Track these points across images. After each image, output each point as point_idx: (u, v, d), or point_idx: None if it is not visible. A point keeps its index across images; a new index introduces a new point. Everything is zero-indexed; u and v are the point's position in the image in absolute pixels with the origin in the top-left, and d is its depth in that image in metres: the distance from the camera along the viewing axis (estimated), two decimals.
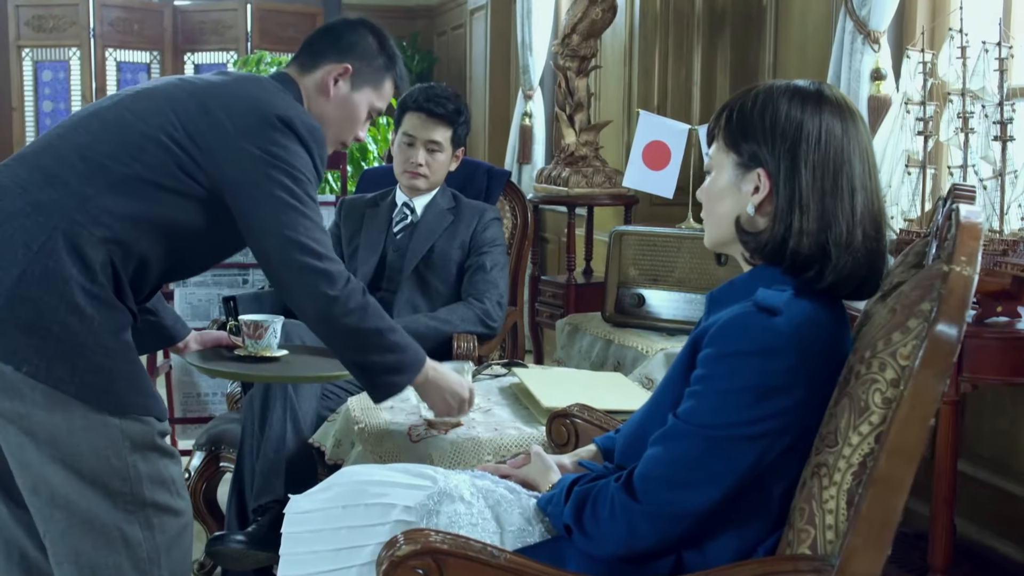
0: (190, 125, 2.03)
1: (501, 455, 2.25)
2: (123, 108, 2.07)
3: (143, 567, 1.99)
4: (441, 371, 2.29)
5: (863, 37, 3.48)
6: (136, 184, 1.99)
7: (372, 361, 2.19)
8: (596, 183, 4.38)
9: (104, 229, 1.95)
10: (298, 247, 2.06)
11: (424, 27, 8.99)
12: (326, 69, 2.25)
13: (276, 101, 2.10)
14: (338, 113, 2.27)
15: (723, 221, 1.66)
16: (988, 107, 2.79)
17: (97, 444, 1.94)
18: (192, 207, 2.05)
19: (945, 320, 1.35)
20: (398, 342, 2.20)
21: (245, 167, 2.04)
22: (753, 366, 1.49)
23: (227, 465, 2.96)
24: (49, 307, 1.90)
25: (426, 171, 3.19)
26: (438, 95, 3.21)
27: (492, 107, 7.25)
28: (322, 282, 2.08)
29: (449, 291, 3.18)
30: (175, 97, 2.08)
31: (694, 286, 3.43)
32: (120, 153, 2.00)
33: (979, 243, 1.39)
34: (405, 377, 2.22)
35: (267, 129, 2.05)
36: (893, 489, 1.38)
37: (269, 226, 2.06)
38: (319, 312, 2.11)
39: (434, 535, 1.50)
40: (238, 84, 2.15)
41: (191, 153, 2.03)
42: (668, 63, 4.77)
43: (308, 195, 2.10)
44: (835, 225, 1.56)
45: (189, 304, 4.07)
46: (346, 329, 2.13)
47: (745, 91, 1.66)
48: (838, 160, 1.57)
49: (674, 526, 1.55)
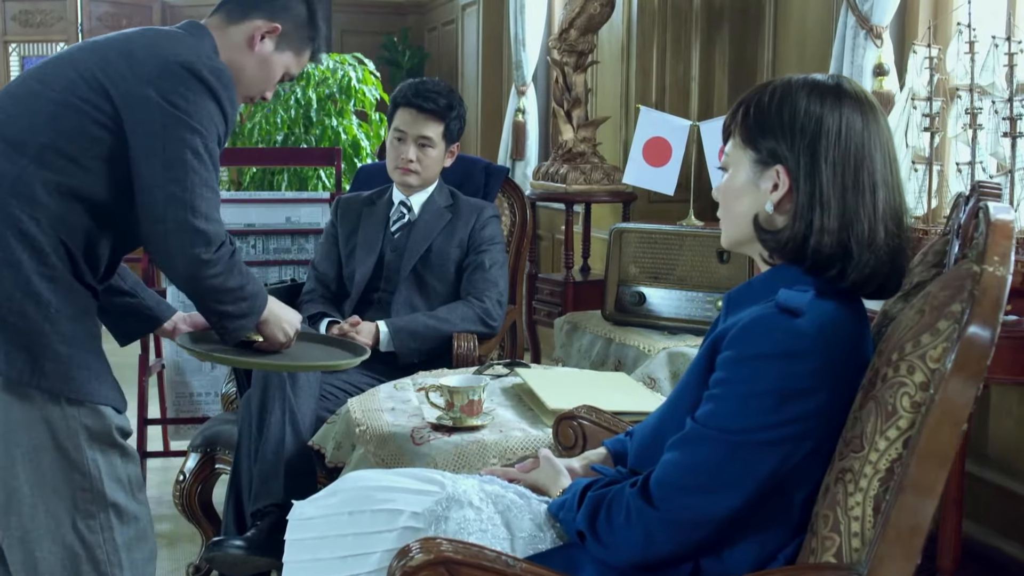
0: (93, 81, 1.98)
1: (507, 458, 2.21)
2: (30, 79, 2.03)
3: (103, 569, 1.97)
4: (277, 305, 2.30)
5: (865, 32, 3.45)
6: (55, 154, 1.95)
7: (227, 310, 2.16)
8: (594, 180, 4.33)
9: (41, 209, 1.92)
10: (180, 203, 1.99)
11: (415, 22, 8.94)
12: (255, 24, 2.21)
13: (179, 48, 2.05)
14: (256, 69, 2.24)
15: (741, 220, 1.61)
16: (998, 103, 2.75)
17: (57, 436, 1.91)
18: (114, 169, 2.00)
19: (978, 322, 1.30)
20: (251, 291, 2.19)
21: (143, 116, 1.98)
22: (776, 369, 1.45)
23: (223, 467, 2.91)
24: (3, 296, 1.87)
25: (417, 167, 3.15)
26: (429, 90, 3.16)
27: (484, 103, 7.21)
28: (199, 242, 2.02)
29: (447, 290, 3.14)
30: (78, 59, 2.02)
31: (695, 284, 3.40)
32: (35, 124, 1.95)
33: (1012, 242, 1.35)
34: (252, 319, 2.22)
35: (169, 77, 2.00)
36: (923, 496, 1.34)
37: (156, 179, 1.98)
38: (188, 271, 2.05)
39: (447, 544, 1.45)
40: (141, 34, 2.10)
41: (100, 107, 1.97)
42: (666, 59, 4.73)
43: (207, 149, 2.03)
44: (857, 223, 1.52)
45: (182, 303, 3.99)
46: (210, 287, 2.09)
47: (762, 86, 1.62)
48: (859, 155, 1.53)
49: (692, 533, 1.51)
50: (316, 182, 5.57)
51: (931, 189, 3.00)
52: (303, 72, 5.59)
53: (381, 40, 8.62)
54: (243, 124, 5.66)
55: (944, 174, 3.20)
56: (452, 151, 3.25)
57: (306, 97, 5.55)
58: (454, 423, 2.31)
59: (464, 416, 2.31)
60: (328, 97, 5.62)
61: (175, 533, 3.52)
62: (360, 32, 8.86)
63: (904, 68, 3.29)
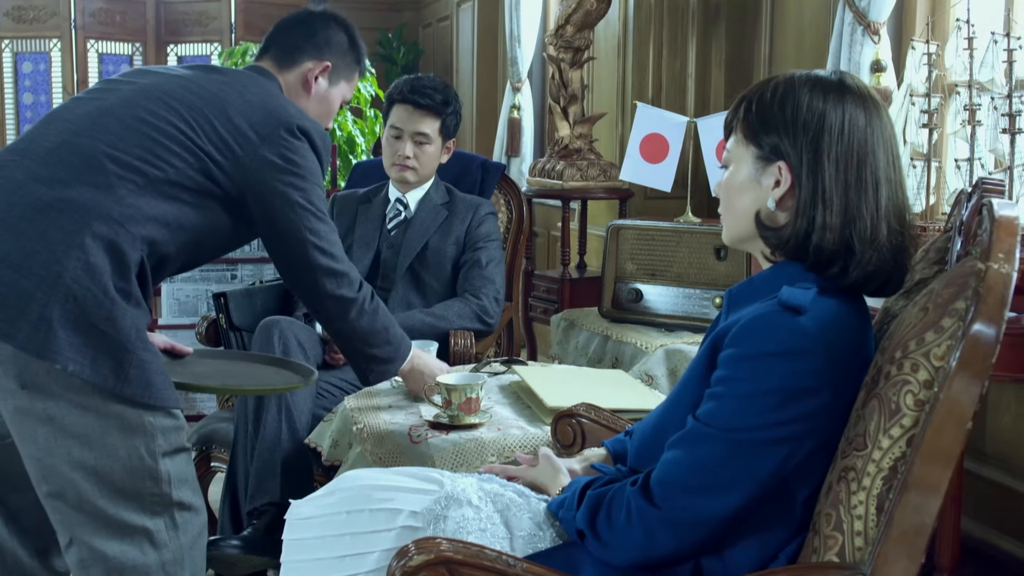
0: (213, 134, 2.09)
1: (505, 456, 2.19)
2: (139, 108, 2.08)
3: (169, 569, 1.99)
4: (423, 358, 2.51)
5: (863, 28, 3.44)
6: (166, 186, 2.04)
7: (373, 354, 2.38)
8: (591, 176, 4.32)
9: (139, 228, 1.98)
10: (318, 251, 2.21)
11: (410, 18, 8.92)
12: (307, 67, 2.34)
13: (291, 110, 2.20)
14: (318, 109, 2.36)
15: (742, 216, 1.60)
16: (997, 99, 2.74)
17: (132, 443, 1.93)
18: (215, 208, 2.12)
19: (983, 319, 1.29)
20: (396, 334, 2.41)
21: (268, 175, 2.13)
22: (778, 368, 1.44)
23: (219, 465, 2.89)
24: (93, 303, 1.89)
25: (414, 163, 3.13)
26: (424, 86, 3.15)
27: (479, 100, 7.19)
28: (342, 285, 2.25)
29: (444, 288, 3.12)
30: (191, 103, 2.11)
31: (693, 281, 3.38)
32: (149, 156, 2.03)
33: (1016, 239, 1.33)
34: (395, 366, 2.44)
35: (288, 138, 2.15)
36: (928, 495, 1.32)
37: (292, 231, 2.18)
38: (337, 313, 2.29)
39: (446, 544, 1.44)
40: (248, 91, 2.19)
41: (216, 159, 2.08)
42: (663, 55, 4.72)
43: (322, 200, 2.23)
44: (859, 219, 1.51)
45: (176, 300, 3.99)
46: (360, 329, 2.32)
47: (764, 82, 1.60)
48: (862, 152, 1.52)
49: (694, 533, 1.49)
50: None
51: (929, 186, 2.99)
52: None
53: (376, 36, 8.60)
54: None
55: (942, 170, 3.19)
56: (448, 147, 3.23)
57: None
58: (452, 421, 2.29)
59: (462, 414, 2.30)
60: None
61: None
62: None
63: (902, 64, 3.29)
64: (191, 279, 3.99)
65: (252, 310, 3.07)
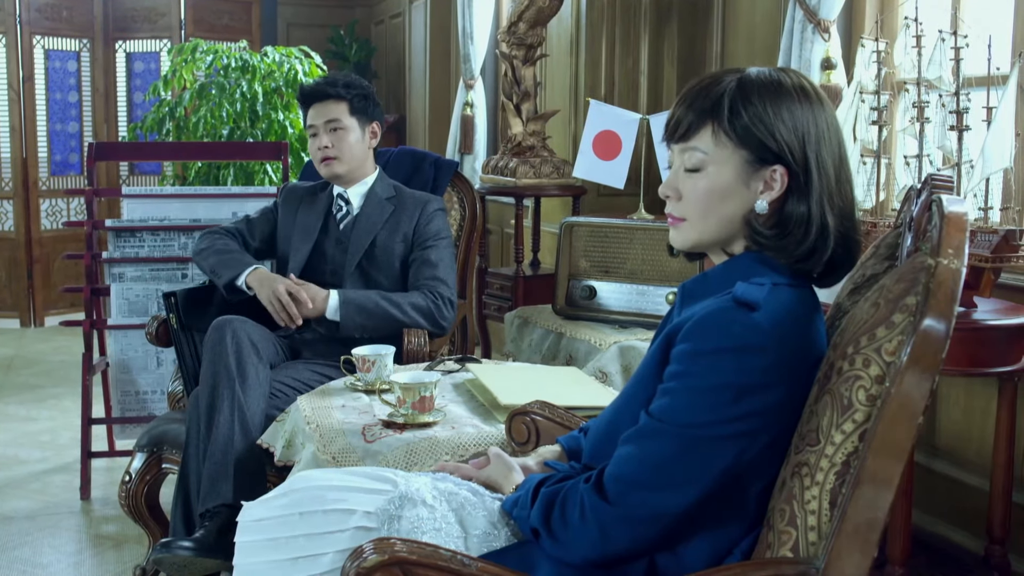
0: None
1: (459, 454, 2.18)
2: None
3: None
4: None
5: (813, 26, 3.47)
6: None
7: None
8: (544, 173, 4.31)
9: None
10: None
11: (362, 15, 8.86)
12: None
13: None
14: None
15: (725, 220, 1.56)
16: (944, 96, 2.77)
17: None
18: None
19: (934, 315, 1.31)
20: None
21: None
22: (732, 363, 1.44)
23: (170, 467, 2.86)
24: None
25: (335, 152, 3.13)
26: (323, 80, 3.20)
27: (432, 97, 7.16)
28: None
29: (394, 285, 3.10)
30: None
31: (646, 278, 3.39)
32: None
33: (966, 235, 1.35)
34: None
35: None
36: (880, 489, 1.34)
37: None
38: None
39: (401, 544, 1.42)
40: None
41: None
42: (615, 52, 4.73)
43: None
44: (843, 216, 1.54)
45: (126, 300, 3.93)
46: None
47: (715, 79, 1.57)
48: (842, 150, 1.56)
49: (648, 529, 1.49)
50: (263, 176, 5.49)
51: (879, 182, 3.01)
52: (248, 65, 5.53)
53: (328, 33, 8.54)
54: (188, 117, 5.56)
55: (892, 167, 3.23)
56: (374, 130, 3.22)
57: (252, 90, 5.47)
58: (406, 420, 2.28)
59: (416, 413, 2.29)
60: (274, 90, 5.54)
61: (121, 535, 3.47)
62: (307, 25, 8.77)
63: (852, 62, 3.31)
64: (140, 278, 3.93)
65: (204, 310, 3.04)
